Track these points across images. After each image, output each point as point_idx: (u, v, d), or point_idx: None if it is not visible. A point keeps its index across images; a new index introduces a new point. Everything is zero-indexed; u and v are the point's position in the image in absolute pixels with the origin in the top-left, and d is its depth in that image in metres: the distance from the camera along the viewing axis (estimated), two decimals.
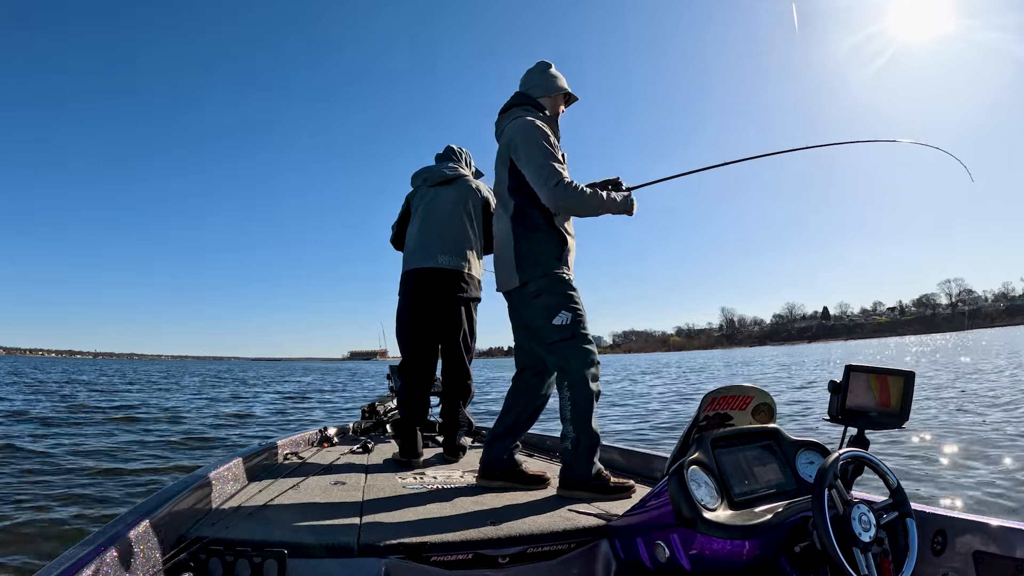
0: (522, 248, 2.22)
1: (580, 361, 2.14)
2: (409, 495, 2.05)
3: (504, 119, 2.38)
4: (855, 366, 1.42)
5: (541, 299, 2.20)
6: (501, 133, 2.37)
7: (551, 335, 2.17)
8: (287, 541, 1.46)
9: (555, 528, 1.66)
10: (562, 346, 2.16)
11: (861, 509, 1.23)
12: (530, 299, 2.22)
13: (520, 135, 2.21)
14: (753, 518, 1.32)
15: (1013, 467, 4.39)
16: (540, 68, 2.42)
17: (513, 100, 2.39)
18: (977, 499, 3.61)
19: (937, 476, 4.33)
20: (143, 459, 5.72)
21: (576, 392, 2.13)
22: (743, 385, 1.60)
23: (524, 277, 2.22)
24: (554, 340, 2.17)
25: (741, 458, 1.50)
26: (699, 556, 1.32)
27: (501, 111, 2.42)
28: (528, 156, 2.18)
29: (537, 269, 2.20)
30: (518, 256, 2.23)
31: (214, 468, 1.95)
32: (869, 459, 1.32)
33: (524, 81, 2.43)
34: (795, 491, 1.48)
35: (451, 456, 2.91)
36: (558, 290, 2.19)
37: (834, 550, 1.15)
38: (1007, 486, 3.90)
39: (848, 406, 1.41)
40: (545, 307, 2.19)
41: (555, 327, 2.17)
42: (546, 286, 2.20)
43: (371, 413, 3.84)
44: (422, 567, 1.49)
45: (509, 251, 2.25)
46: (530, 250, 2.21)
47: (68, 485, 4.49)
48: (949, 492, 3.85)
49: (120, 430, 7.82)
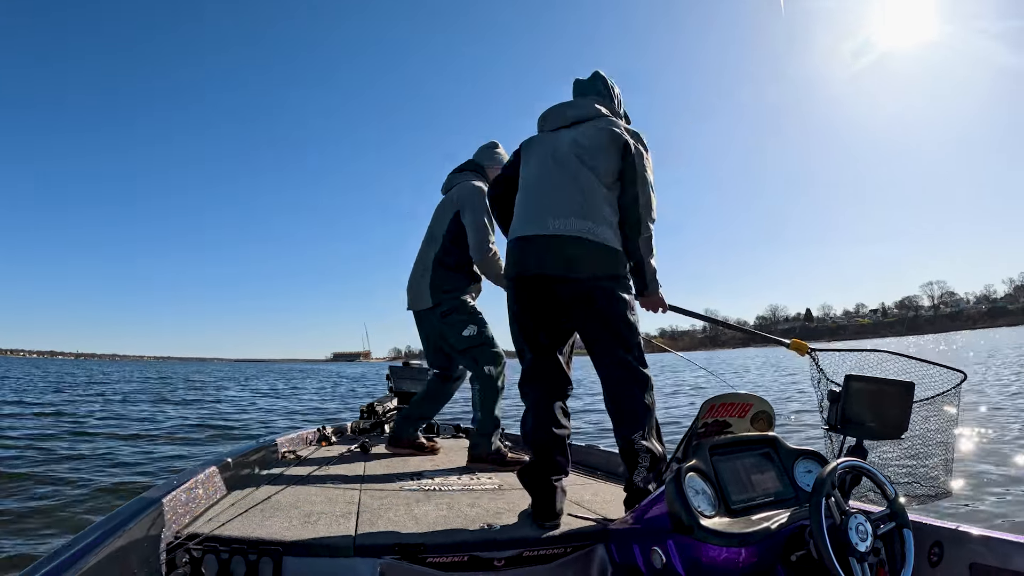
0: (436, 279, 2.85)
1: (487, 363, 2.82)
2: (406, 496, 2.04)
3: (457, 176, 3.00)
4: (855, 376, 1.44)
5: (452, 317, 2.83)
6: (451, 187, 2.97)
7: (462, 343, 2.82)
8: (283, 539, 1.46)
9: (551, 532, 1.66)
10: (473, 351, 2.82)
11: (858, 519, 1.23)
12: (442, 317, 2.84)
13: (476, 199, 2.81)
14: (750, 526, 1.32)
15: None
16: (491, 146, 3.08)
17: (466, 165, 3.04)
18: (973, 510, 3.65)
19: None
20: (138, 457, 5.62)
21: (485, 388, 2.82)
22: (742, 393, 1.60)
23: (435, 300, 2.84)
24: (464, 347, 2.82)
25: (739, 466, 1.50)
26: (695, 563, 1.32)
27: (455, 171, 3.05)
28: (475, 220, 2.80)
29: (447, 295, 2.83)
30: (432, 285, 2.84)
31: (210, 465, 1.94)
32: (867, 469, 1.33)
33: (477, 154, 3.07)
34: (793, 500, 1.49)
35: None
36: (464, 310, 2.85)
37: (830, 559, 1.15)
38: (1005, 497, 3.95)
39: (847, 416, 1.42)
40: (457, 323, 2.82)
41: (465, 338, 2.81)
42: (456, 307, 2.84)
43: (370, 413, 3.84)
44: (417, 568, 1.49)
45: (426, 279, 2.87)
46: (442, 283, 2.84)
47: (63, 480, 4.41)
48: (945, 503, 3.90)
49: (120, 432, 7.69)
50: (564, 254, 1.80)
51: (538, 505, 1.79)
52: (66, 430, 7.53)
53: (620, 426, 1.78)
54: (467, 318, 2.83)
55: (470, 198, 2.83)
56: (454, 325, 2.82)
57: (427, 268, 2.88)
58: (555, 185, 1.88)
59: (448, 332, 2.84)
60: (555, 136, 1.99)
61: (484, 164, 3.00)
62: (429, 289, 2.84)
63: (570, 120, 1.99)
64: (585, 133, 1.91)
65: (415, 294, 2.92)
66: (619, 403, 1.79)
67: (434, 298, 2.83)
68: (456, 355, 2.89)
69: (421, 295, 2.88)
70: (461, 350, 2.83)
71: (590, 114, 1.98)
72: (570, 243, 1.79)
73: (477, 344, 2.81)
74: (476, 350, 2.82)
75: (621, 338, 1.81)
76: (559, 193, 1.86)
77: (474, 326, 2.82)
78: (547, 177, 1.92)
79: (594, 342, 1.84)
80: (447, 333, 2.84)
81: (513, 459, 2.73)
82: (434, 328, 2.89)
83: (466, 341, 2.81)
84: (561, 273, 1.80)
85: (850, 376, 1.43)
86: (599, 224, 1.82)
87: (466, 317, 2.83)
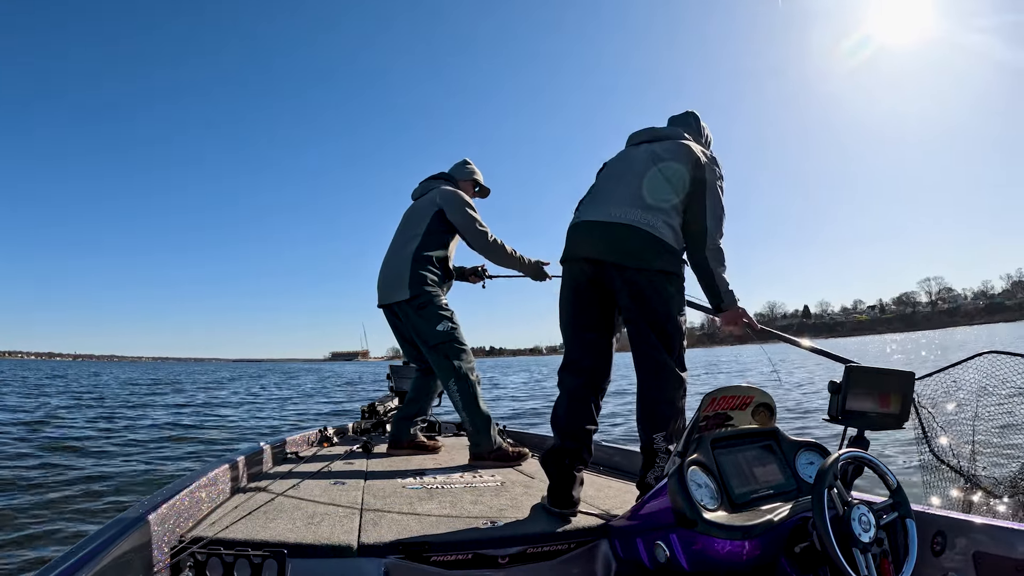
0: (417, 273, 2.86)
1: (458, 358, 2.80)
2: (409, 495, 2.04)
3: (433, 183, 3.14)
4: (855, 366, 1.43)
5: (427, 310, 2.84)
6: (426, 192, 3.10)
7: (435, 338, 2.82)
8: (287, 541, 1.46)
9: (555, 528, 1.66)
10: (445, 347, 2.81)
11: (861, 510, 1.23)
12: (417, 310, 2.84)
13: (459, 198, 2.97)
14: (753, 518, 1.32)
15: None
16: (463, 163, 3.25)
17: (440, 175, 3.19)
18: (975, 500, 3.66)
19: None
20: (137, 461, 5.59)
21: (462, 385, 2.78)
22: (743, 385, 1.60)
23: (413, 292, 2.83)
24: (436, 343, 2.82)
25: (741, 458, 1.50)
26: (699, 556, 1.32)
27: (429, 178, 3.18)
28: (465, 214, 2.93)
29: (426, 289, 2.85)
30: (412, 278, 2.85)
31: (213, 468, 1.94)
32: (869, 460, 1.33)
33: (451, 169, 3.24)
34: (795, 491, 1.48)
35: None
36: (438, 305, 2.87)
37: (834, 551, 1.15)
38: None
39: (848, 407, 1.42)
40: (431, 317, 2.83)
41: (438, 332, 2.82)
42: (431, 301, 2.85)
43: (371, 413, 3.84)
44: (422, 567, 1.49)
45: (406, 272, 2.87)
46: (422, 277, 2.86)
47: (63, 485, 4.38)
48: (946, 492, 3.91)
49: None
50: (619, 240, 1.80)
51: (556, 492, 1.80)
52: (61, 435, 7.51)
53: (645, 424, 1.77)
54: (441, 313, 2.86)
55: (454, 197, 2.97)
56: (429, 319, 2.83)
57: (406, 261, 2.90)
58: (622, 181, 1.94)
59: (422, 326, 2.85)
60: (634, 147, 2.07)
61: (457, 177, 3.18)
62: (408, 282, 2.85)
63: (653, 136, 2.05)
64: (664, 146, 1.97)
65: (390, 287, 2.93)
66: (650, 402, 1.78)
67: (412, 290, 2.84)
68: (427, 350, 2.88)
69: (399, 288, 2.88)
70: (433, 345, 2.83)
71: (673, 135, 2.03)
72: (626, 231, 1.80)
73: (448, 340, 2.82)
74: (447, 346, 2.82)
75: (665, 335, 1.79)
76: (624, 187, 1.91)
77: (448, 322, 2.85)
78: (617, 175, 1.99)
79: (637, 335, 1.82)
80: (420, 327, 2.85)
81: (516, 454, 2.74)
82: (408, 321, 2.90)
83: (439, 336, 2.82)
84: (614, 259, 1.80)
85: (850, 366, 1.43)
86: (657, 218, 1.82)
87: (440, 312, 2.86)
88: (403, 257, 2.92)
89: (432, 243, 2.94)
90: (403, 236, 3.02)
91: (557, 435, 1.90)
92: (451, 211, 2.94)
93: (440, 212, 2.95)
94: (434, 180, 3.17)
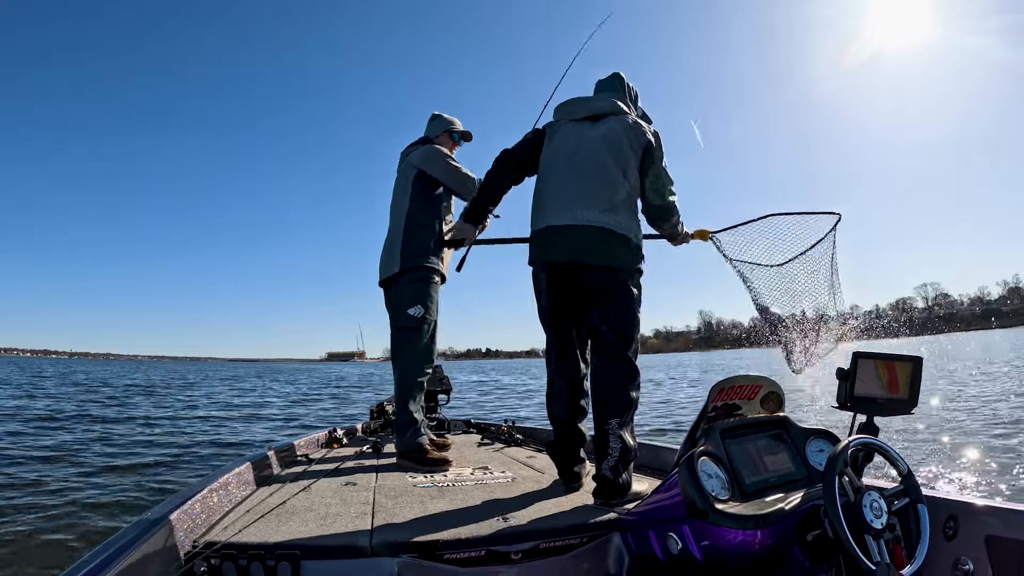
0: (409, 241, 2.64)
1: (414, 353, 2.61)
2: (420, 494, 2.04)
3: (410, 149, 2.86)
4: (863, 353, 1.43)
5: (409, 287, 2.61)
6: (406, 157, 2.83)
7: (401, 320, 2.61)
8: (300, 543, 1.45)
9: (567, 523, 1.65)
10: (407, 333, 2.60)
11: (872, 496, 1.23)
12: (403, 284, 2.62)
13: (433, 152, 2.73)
14: (764, 508, 1.32)
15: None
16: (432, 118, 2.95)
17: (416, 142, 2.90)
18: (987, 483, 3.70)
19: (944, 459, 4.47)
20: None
21: (402, 379, 2.60)
22: (751, 375, 1.60)
23: (404, 264, 2.61)
24: (402, 326, 2.61)
25: (751, 448, 1.50)
26: (711, 547, 1.32)
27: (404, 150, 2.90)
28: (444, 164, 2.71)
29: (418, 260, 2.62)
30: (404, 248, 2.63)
31: (224, 473, 1.94)
32: (879, 446, 1.33)
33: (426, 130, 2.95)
34: (805, 480, 1.49)
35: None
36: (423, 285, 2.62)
37: (846, 538, 1.15)
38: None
39: (856, 393, 1.42)
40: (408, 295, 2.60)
41: (407, 315, 2.59)
42: (420, 277, 2.63)
43: (379, 413, 3.81)
44: (435, 565, 1.48)
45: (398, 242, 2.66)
46: (414, 246, 2.63)
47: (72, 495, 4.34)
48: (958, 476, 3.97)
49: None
50: (591, 243, 1.91)
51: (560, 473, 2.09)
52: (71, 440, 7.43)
53: (602, 409, 1.90)
54: (420, 296, 2.63)
55: (428, 152, 2.76)
56: (404, 297, 2.62)
57: (399, 229, 2.69)
58: (586, 178, 1.98)
59: (399, 302, 2.64)
60: (580, 129, 2.07)
61: (431, 135, 2.93)
62: (400, 253, 2.64)
63: (594, 112, 2.09)
64: (613, 129, 2.02)
65: (385, 263, 2.73)
66: (606, 391, 1.91)
67: (404, 262, 2.63)
68: (392, 331, 2.67)
69: (392, 262, 2.67)
70: (398, 327, 2.64)
71: (615, 109, 2.08)
72: (597, 234, 1.91)
73: (413, 327, 2.60)
74: (408, 332, 2.61)
75: (625, 332, 1.93)
76: (589, 186, 1.97)
77: (421, 307, 2.61)
78: (577, 170, 2.00)
79: (598, 330, 1.95)
80: (398, 303, 2.64)
81: (436, 459, 2.53)
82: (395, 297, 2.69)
83: (406, 319, 2.61)
84: (586, 261, 1.91)
85: (858, 353, 1.43)
86: (624, 218, 1.95)
87: (419, 294, 2.63)
88: (397, 225, 2.73)
89: (423, 210, 2.71)
90: (395, 207, 2.81)
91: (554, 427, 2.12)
92: (430, 167, 2.72)
93: (420, 173, 2.73)
94: (409, 148, 2.92)
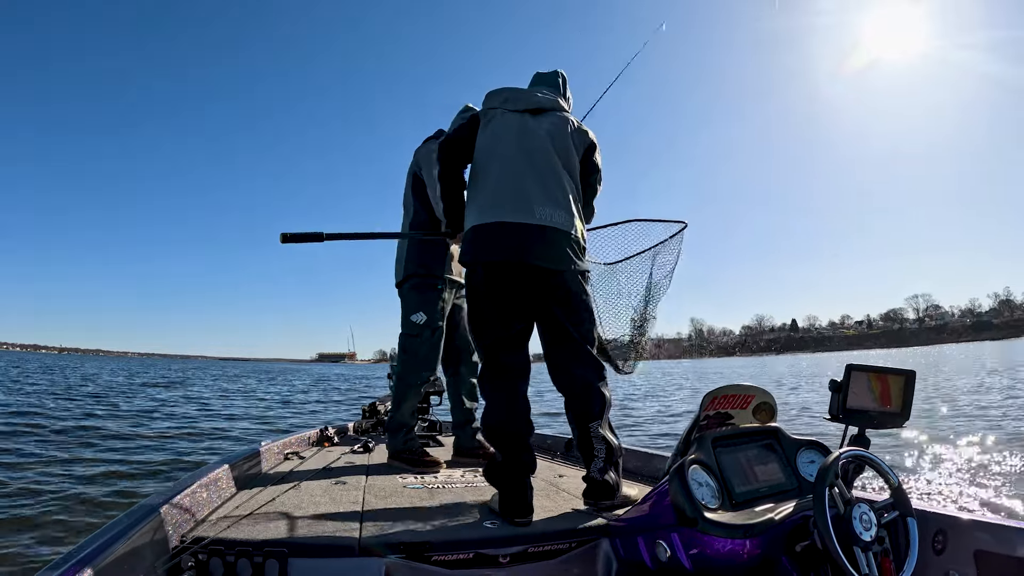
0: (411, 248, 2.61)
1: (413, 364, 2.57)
2: (410, 495, 2.04)
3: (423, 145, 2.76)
4: (856, 365, 1.44)
5: (413, 293, 2.59)
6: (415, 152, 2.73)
7: (404, 326, 2.59)
8: (288, 541, 1.45)
9: (556, 527, 1.65)
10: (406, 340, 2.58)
11: (862, 508, 1.23)
12: (407, 290, 2.61)
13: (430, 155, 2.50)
14: (754, 517, 1.32)
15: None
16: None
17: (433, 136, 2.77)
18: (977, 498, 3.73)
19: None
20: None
21: (399, 383, 2.60)
22: (744, 384, 1.60)
23: (407, 271, 2.60)
24: (405, 331, 2.59)
25: (742, 457, 1.50)
26: (700, 555, 1.31)
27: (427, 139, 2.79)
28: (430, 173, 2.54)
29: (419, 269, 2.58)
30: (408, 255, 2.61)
31: (214, 468, 1.93)
32: (870, 458, 1.33)
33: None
34: (796, 490, 1.49)
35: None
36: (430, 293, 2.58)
37: (835, 549, 1.15)
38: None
39: (849, 405, 1.42)
40: (413, 301, 2.58)
41: (410, 322, 2.57)
42: (424, 285, 2.58)
43: (371, 413, 3.82)
44: (423, 566, 1.48)
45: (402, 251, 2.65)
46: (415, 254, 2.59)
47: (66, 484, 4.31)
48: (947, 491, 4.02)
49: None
50: (551, 245, 1.81)
51: (511, 502, 1.71)
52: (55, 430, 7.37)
53: (581, 413, 1.84)
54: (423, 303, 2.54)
55: (423, 151, 2.65)
56: (408, 303, 2.57)
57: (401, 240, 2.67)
58: (535, 172, 1.87)
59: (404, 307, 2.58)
60: (522, 120, 1.95)
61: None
62: (404, 260, 2.59)
63: (536, 105, 1.98)
64: (557, 126, 1.95)
65: (396, 265, 2.69)
66: (579, 393, 1.84)
67: (407, 269, 2.58)
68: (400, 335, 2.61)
69: (399, 265, 2.63)
70: (401, 332, 2.59)
71: (556, 106, 2.01)
72: (557, 235, 1.83)
73: (416, 334, 2.54)
74: (412, 338, 2.55)
75: (586, 330, 1.88)
76: (541, 182, 1.87)
77: (424, 315, 2.54)
78: (526, 164, 1.88)
79: (559, 331, 1.86)
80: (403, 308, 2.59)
81: (429, 461, 2.53)
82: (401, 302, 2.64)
83: (409, 326, 2.54)
84: (545, 264, 1.80)
85: (851, 365, 1.44)
86: (577, 218, 1.91)
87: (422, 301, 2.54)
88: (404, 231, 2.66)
89: (421, 204, 2.61)
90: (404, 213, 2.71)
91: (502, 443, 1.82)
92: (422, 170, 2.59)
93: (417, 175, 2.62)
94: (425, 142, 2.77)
